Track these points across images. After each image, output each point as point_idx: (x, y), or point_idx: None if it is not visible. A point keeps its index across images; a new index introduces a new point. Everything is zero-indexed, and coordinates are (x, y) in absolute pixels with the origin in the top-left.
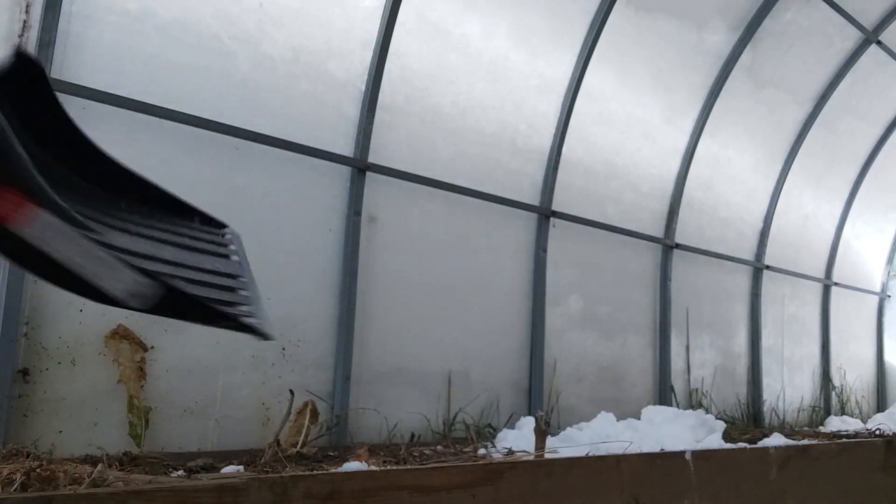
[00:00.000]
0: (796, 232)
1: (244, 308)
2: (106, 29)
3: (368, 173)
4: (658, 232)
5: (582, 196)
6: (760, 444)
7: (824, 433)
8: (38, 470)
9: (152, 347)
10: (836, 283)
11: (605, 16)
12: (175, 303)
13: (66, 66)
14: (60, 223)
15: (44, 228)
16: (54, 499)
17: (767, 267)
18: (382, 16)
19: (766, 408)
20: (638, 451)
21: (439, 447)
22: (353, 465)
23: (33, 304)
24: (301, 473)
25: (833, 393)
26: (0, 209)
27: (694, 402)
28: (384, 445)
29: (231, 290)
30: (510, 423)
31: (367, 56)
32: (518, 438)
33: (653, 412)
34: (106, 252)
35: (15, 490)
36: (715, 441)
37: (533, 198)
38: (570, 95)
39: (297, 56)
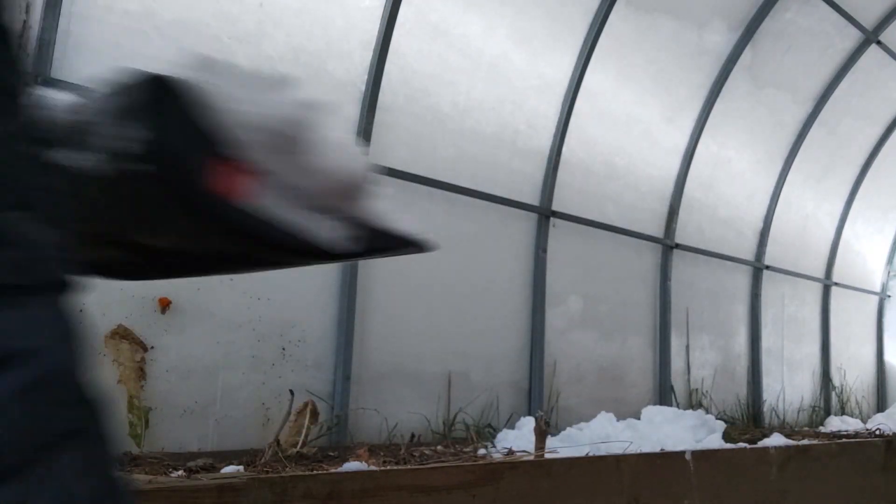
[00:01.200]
0: (796, 232)
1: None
2: (106, 29)
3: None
4: (658, 232)
5: (582, 196)
6: (760, 444)
7: (824, 433)
8: None
9: (152, 347)
10: (836, 283)
11: (605, 16)
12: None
13: (66, 66)
14: (269, 182)
15: (265, 197)
16: None
17: (767, 267)
18: (382, 16)
19: (766, 408)
20: (638, 451)
21: (439, 447)
22: (353, 465)
23: None
24: (301, 473)
25: (833, 393)
26: (222, 183)
27: (694, 402)
28: (384, 445)
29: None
30: (510, 423)
31: (367, 56)
32: (518, 438)
33: (653, 412)
34: (302, 207)
35: None
36: (715, 441)
37: (533, 198)
38: (570, 95)
39: (297, 56)
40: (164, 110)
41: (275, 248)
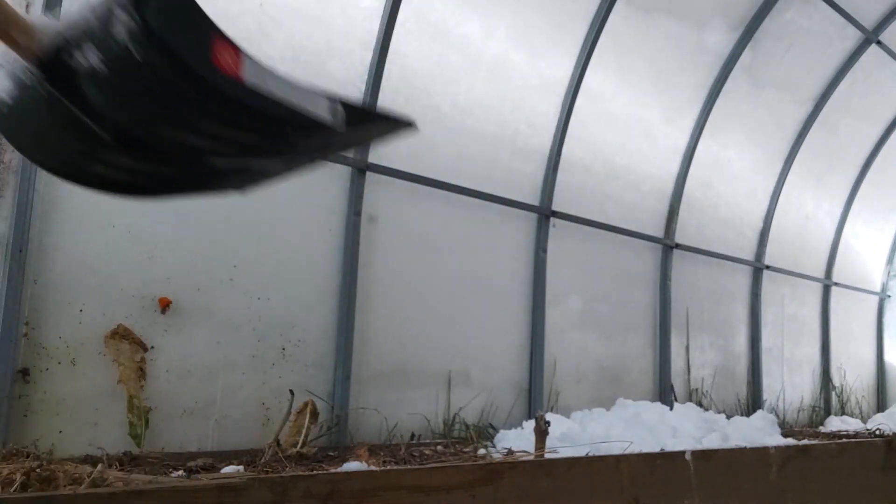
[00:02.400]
0: (796, 232)
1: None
2: None
3: (368, 173)
4: (658, 232)
5: (582, 196)
6: (760, 444)
7: (824, 433)
8: (38, 470)
9: (152, 347)
10: (836, 283)
11: (605, 16)
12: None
13: None
14: (261, 64)
15: (256, 72)
16: (54, 499)
17: (767, 267)
18: (382, 16)
19: (766, 408)
20: (638, 451)
21: (439, 447)
22: (353, 465)
23: (33, 304)
24: (301, 473)
25: (833, 393)
26: (226, 63)
27: (694, 402)
28: (384, 445)
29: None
30: (510, 423)
31: (367, 56)
32: (518, 438)
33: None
34: (299, 82)
35: (15, 490)
36: (715, 441)
37: (533, 198)
38: (570, 95)
39: (297, 56)
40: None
41: (276, 121)
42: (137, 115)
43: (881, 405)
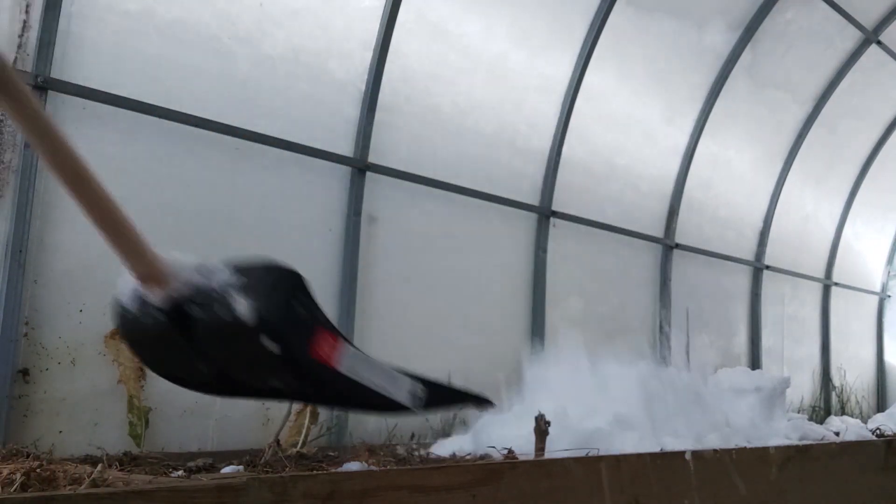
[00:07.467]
0: (796, 232)
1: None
2: (106, 29)
3: (368, 173)
4: (658, 232)
5: (582, 196)
6: (760, 443)
7: None
8: (38, 470)
9: None
10: (836, 283)
11: (605, 16)
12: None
13: (66, 66)
14: (356, 352)
15: (350, 358)
16: (54, 499)
17: (767, 267)
18: (382, 16)
19: None
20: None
21: None
22: (353, 465)
23: (33, 304)
24: (301, 473)
25: (833, 393)
26: (323, 352)
27: None
28: (384, 445)
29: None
30: None
31: (367, 56)
32: (518, 438)
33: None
34: (388, 366)
35: (15, 490)
36: (715, 441)
37: (533, 198)
38: (570, 95)
39: (297, 56)
40: (279, 289)
41: (364, 405)
42: (233, 366)
43: (881, 405)
